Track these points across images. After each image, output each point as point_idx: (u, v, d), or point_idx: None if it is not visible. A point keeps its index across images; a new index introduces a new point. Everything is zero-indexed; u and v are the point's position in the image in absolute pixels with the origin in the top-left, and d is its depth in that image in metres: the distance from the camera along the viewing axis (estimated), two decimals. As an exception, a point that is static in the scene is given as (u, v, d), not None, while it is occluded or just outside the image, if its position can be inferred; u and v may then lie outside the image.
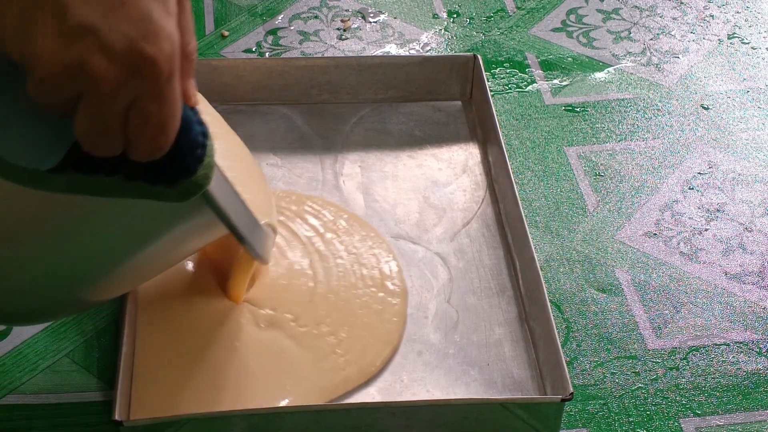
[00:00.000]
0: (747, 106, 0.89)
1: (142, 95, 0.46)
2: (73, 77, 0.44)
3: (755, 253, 0.77)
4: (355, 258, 0.73)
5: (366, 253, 0.74)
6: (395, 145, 0.84)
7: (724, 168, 0.83)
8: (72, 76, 0.44)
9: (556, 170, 0.82)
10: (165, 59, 0.46)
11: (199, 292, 0.70)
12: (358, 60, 0.86)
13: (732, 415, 0.66)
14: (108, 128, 0.46)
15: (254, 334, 0.68)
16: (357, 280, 0.72)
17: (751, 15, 0.99)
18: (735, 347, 0.70)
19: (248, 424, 0.61)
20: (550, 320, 0.65)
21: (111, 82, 0.44)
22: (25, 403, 0.65)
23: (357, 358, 0.67)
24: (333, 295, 0.71)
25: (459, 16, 0.98)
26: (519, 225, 0.73)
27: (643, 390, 0.68)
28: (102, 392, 0.66)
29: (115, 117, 0.46)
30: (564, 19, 0.98)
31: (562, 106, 0.88)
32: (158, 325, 0.68)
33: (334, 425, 0.62)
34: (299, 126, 0.85)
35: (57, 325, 0.69)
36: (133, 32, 0.45)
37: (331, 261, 0.73)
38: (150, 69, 0.45)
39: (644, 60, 0.93)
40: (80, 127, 0.46)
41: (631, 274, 0.75)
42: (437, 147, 0.84)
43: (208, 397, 0.64)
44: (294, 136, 0.84)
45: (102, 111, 0.45)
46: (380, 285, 0.72)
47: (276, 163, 0.82)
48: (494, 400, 0.63)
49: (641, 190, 0.81)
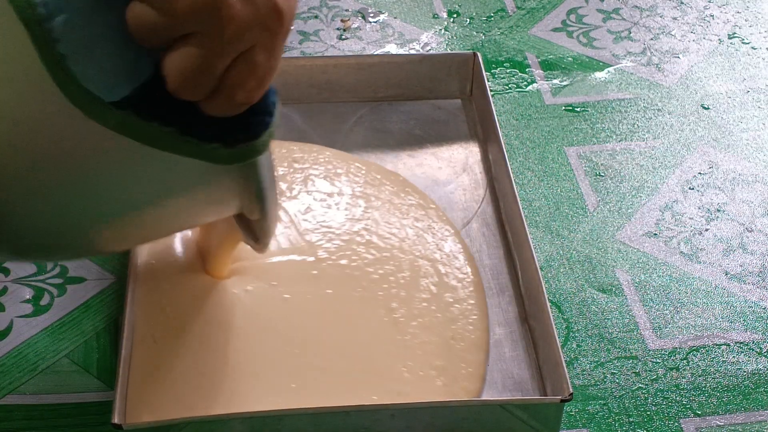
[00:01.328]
0: (747, 106, 0.89)
1: (257, 45, 0.47)
2: (200, 15, 0.44)
3: (756, 253, 0.77)
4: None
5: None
6: (395, 143, 0.84)
7: (725, 168, 0.83)
8: (200, 13, 0.44)
9: (556, 170, 0.82)
10: (290, 16, 0.47)
11: (201, 291, 0.70)
12: (357, 59, 0.86)
13: (732, 416, 0.66)
14: (210, 71, 0.46)
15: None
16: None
17: (751, 15, 0.99)
18: (735, 347, 0.70)
19: (247, 427, 0.61)
20: (550, 320, 0.65)
21: (239, 26, 0.45)
22: (24, 404, 0.65)
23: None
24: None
25: (459, 16, 0.97)
26: (519, 225, 0.73)
27: (644, 390, 0.68)
28: (102, 393, 0.66)
29: (223, 61, 0.46)
30: (564, 19, 0.97)
31: (562, 106, 0.88)
32: (158, 325, 0.68)
33: (333, 427, 0.62)
34: (299, 125, 0.85)
35: (57, 326, 0.69)
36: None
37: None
38: (276, 22, 0.46)
39: (644, 60, 0.93)
40: (178, 65, 0.46)
41: (631, 274, 0.75)
42: (437, 146, 0.84)
43: (212, 396, 0.64)
44: (293, 135, 0.84)
45: (212, 52, 0.46)
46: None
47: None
48: (493, 401, 0.63)
49: (641, 190, 0.81)
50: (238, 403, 0.63)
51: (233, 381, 0.64)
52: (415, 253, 0.73)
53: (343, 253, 0.72)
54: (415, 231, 0.75)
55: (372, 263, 0.72)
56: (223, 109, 0.48)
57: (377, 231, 0.74)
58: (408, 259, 0.72)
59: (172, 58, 0.46)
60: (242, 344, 0.67)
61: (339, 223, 0.74)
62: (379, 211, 0.76)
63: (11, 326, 0.69)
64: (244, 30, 0.46)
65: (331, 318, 0.68)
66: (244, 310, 0.68)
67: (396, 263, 0.72)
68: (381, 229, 0.74)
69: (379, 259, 0.72)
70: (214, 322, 0.68)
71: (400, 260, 0.72)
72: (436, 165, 0.82)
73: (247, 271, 0.70)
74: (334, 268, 0.71)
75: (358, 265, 0.72)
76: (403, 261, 0.72)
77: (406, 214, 0.76)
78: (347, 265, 0.71)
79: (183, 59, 0.46)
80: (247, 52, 0.47)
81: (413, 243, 0.74)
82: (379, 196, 0.77)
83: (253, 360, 0.66)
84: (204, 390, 0.64)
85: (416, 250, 0.73)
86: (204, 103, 0.48)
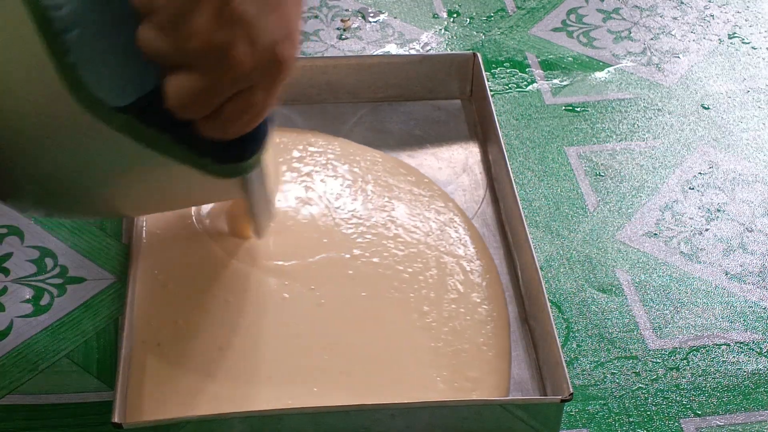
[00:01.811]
0: (747, 106, 0.89)
1: (257, 86, 0.50)
2: (209, 55, 0.48)
3: (756, 253, 0.77)
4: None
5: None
6: (395, 144, 0.84)
7: (725, 168, 0.83)
8: (209, 54, 0.48)
9: (556, 170, 0.82)
10: (291, 63, 0.51)
11: (200, 291, 0.70)
12: (358, 60, 0.86)
13: (732, 416, 0.66)
14: (209, 100, 0.50)
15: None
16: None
17: (751, 15, 0.99)
18: (735, 347, 0.70)
19: (247, 426, 0.61)
20: (550, 320, 0.65)
21: (244, 68, 0.49)
22: (25, 404, 0.65)
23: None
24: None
25: (459, 15, 0.97)
26: (519, 225, 0.73)
27: (644, 390, 0.68)
28: (102, 393, 0.66)
29: (221, 96, 0.50)
30: (564, 19, 0.97)
31: (562, 105, 0.88)
32: (158, 324, 0.68)
33: (333, 427, 0.62)
34: (299, 126, 0.85)
35: (57, 326, 0.70)
36: (277, 34, 0.50)
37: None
38: (277, 68, 0.50)
39: (644, 60, 0.93)
40: (178, 89, 0.49)
41: (631, 274, 0.75)
42: (437, 146, 0.84)
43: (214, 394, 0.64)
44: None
45: (213, 87, 0.49)
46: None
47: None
48: (493, 401, 0.63)
49: (641, 190, 0.81)
50: (253, 407, 0.63)
51: (252, 386, 0.64)
52: (440, 249, 0.73)
53: (375, 249, 0.73)
54: (438, 225, 0.75)
55: (402, 260, 0.72)
56: (216, 133, 0.52)
57: (403, 223, 0.74)
58: (434, 255, 0.73)
59: (173, 80, 0.49)
60: (264, 348, 0.67)
61: (367, 212, 0.75)
62: (402, 201, 0.76)
63: (11, 326, 0.69)
64: (246, 74, 0.49)
65: (364, 324, 0.68)
66: (278, 317, 0.68)
67: (423, 260, 0.72)
68: (405, 221, 0.75)
69: (408, 255, 0.72)
70: (230, 322, 0.68)
71: (427, 257, 0.73)
72: (436, 165, 0.82)
73: (287, 274, 0.70)
74: (368, 266, 0.71)
75: (390, 263, 0.72)
76: (430, 258, 0.72)
77: (428, 206, 0.76)
78: (380, 263, 0.72)
79: (184, 84, 0.49)
80: (245, 90, 0.50)
81: (437, 238, 0.74)
82: (399, 186, 0.77)
83: (277, 363, 0.66)
84: (212, 394, 0.64)
85: (441, 245, 0.73)
86: (199, 124, 0.51)
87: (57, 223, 0.76)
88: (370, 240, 0.73)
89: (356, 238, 0.73)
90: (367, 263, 0.72)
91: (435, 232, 0.74)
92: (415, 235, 0.74)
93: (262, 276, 0.70)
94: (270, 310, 0.68)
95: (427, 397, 0.64)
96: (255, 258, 0.71)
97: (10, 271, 0.73)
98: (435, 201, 0.77)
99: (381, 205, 0.76)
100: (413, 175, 0.80)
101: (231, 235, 0.72)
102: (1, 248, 0.74)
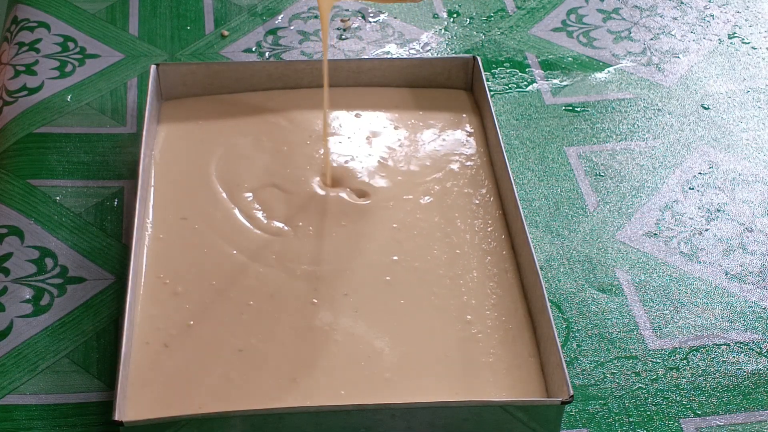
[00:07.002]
0: (747, 106, 0.89)
1: None
2: None
3: (756, 253, 0.77)
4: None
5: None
6: (395, 145, 0.84)
7: (725, 168, 0.83)
8: None
9: (556, 170, 0.82)
10: None
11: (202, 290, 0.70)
12: (358, 63, 0.85)
13: (732, 416, 0.66)
14: None
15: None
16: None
17: (751, 15, 0.99)
18: (735, 347, 0.70)
19: (248, 425, 0.61)
20: (550, 320, 0.65)
21: None
22: (25, 404, 0.65)
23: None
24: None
25: (459, 15, 0.97)
26: (519, 225, 0.73)
27: (644, 390, 0.68)
28: (102, 393, 0.66)
29: None
30: (564, 19, 0.97)
31: (562, 106, 0.88)
32: (165, 326, 0.68)
33: (334, 426, 0.62)
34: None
35: (57, 326, 0.70)
36: None
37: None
38: None
39: (644, 60, 0.93)
40: None
41: (631, 274, 0.75)
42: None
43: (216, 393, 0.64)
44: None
45: None
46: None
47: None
48: (494, 402, 0.63)
49: (641, 190, 0.81)
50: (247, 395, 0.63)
51: (275, 389, 0.65)
52: (482, 247, 0.73)
53: (420, 251, 0.72)
54: (484, 222, 0.74)
55: (444, 264, 0.71)
56: None
57: (453, 219, 0.74)
58: (476, 256, 0.72)
59: None
60: (287, 350, 0.67)
61: (417, 195, 0.76)
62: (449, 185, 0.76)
63: (11, 326, 0.69)
64: None
65: (401, 337, 0.68)
66: (305, 321, 0.68)
67: (466, 262, 0.71)
68: (453, 215, 0.74)
69: (451, 257, 0.72)
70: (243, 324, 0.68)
71: (470, 258, 0.72)
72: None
73: (320, 278, 0.70)
74: (409, 272, 0.71)
75: (430, 267, 0.71)
76: (472, 259, 0.72)
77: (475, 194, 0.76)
78: (419, 268, 0.71)
79: None
80: None
81: (482, 238, 0.73)
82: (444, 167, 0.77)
83: (302, 366, 0.66)
84: (230, 396, 0.64)
85: (484, 243, 0.73)
86: None
87: (57, 223, 0.76)
88: (419, 244, 0.72)
89: (402, 241, 0.73)
90: (408, 268, 0.71)
91: (480, 233, 0.73)
92: (462, 235, 0.73)
93: (288, 280, 0.70)
94: (295, 314, 0.68)
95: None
96: (282, 262, 0.71)
97: (10, 271, 0.73)
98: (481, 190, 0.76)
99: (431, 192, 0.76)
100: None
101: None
102: (1, 248, 0.74)
